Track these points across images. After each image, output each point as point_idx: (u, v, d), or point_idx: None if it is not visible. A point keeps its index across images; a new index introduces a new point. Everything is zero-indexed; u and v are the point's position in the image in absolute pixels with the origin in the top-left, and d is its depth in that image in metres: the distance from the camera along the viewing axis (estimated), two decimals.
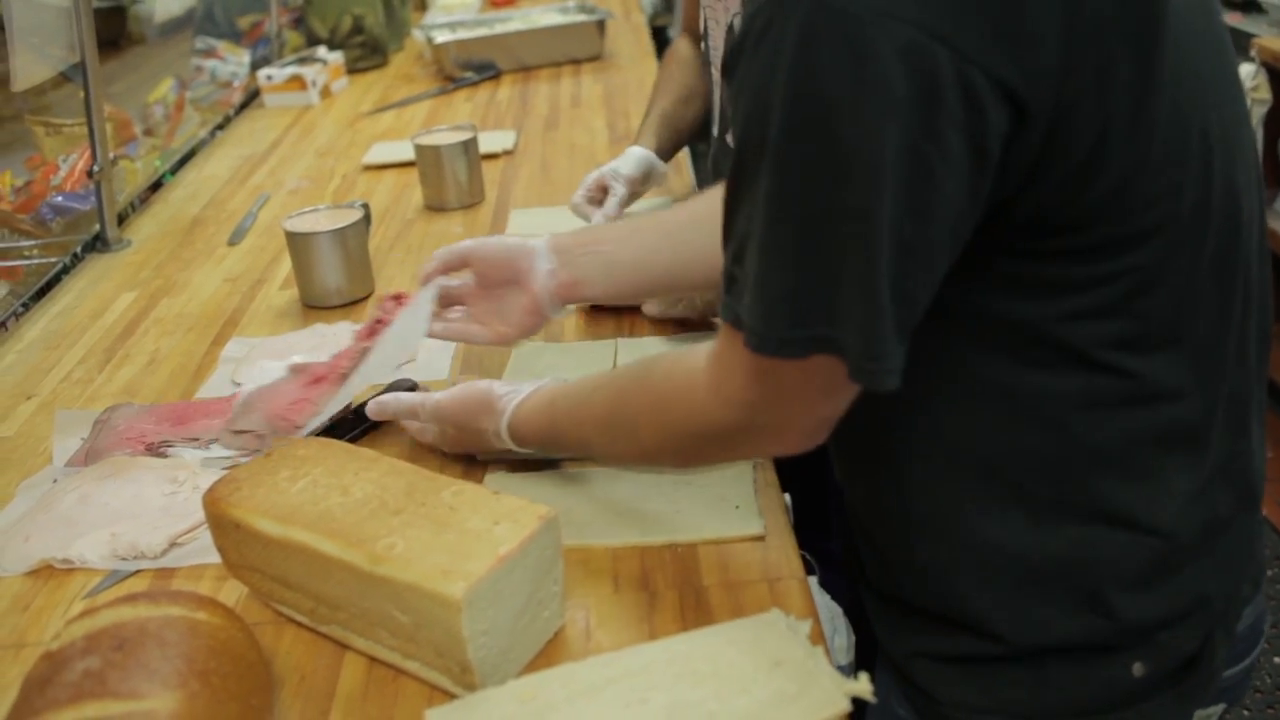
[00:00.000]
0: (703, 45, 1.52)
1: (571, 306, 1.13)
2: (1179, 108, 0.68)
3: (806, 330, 0.67)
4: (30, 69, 1.63)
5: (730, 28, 1.42)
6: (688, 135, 1.59)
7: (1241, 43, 2.60)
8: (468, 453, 1.04)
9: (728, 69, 0.70)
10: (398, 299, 1.14)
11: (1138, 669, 0.78)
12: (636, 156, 1.47)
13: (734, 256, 0.70)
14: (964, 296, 0.71)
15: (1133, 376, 0.73)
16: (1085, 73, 0.63)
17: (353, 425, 1.09)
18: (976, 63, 0.60)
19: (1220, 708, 0.86)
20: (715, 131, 1.52)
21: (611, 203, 1.41)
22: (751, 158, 0.66)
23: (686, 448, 0.82)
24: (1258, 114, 2.61)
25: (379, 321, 1.13)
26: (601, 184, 1.44)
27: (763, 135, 0.64)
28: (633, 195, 1.46)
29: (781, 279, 0.67)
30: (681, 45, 1.64)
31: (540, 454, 1.00)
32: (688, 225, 1.05)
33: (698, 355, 0.79)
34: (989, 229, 0.67)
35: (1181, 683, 0.80)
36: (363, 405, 1.08)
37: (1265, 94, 2.59)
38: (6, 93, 2.14)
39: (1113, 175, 0.67)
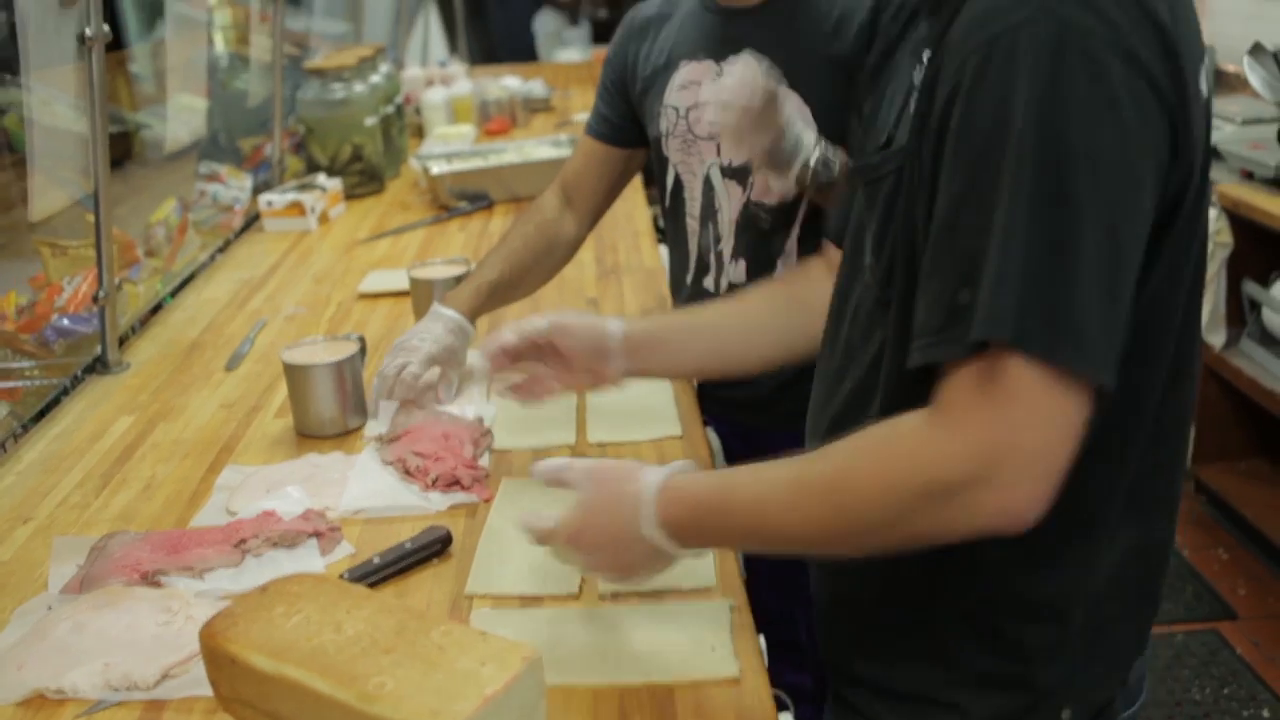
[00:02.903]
0: (667, 199, 1.59)
1: None
2: (1202, 227, 0.82)
3: (1054, 328, 0.71)
4: (48, 197, 1.70)
5: (707, 179, 1.50)
6: (513, 301, 1.62)
7: None
8: (604, 557, 0.93)
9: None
10: None
11: (1065, 714, 0.91)
12: (445, 327, 1.48)
13: (962, 279, 0.73)
14: None
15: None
16: (1193, 144, 0.76)
17: (378, 569, 1.13)
18: (1162, 97, 0.73)
19: None
20: (689, 279, 1.58)
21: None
22: (987, 175, 0.72)
23: (901, 508, 0.77)
24: (1220, 257, 2.72)
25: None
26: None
27: (1002, 141, 0.72)
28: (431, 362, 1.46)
29: (1018, 276, 0.71)
30: (549, 202, 1.65)
31: (682, 544, 0.89)
32: (744, 320, 1.18)
33: (917, 413, 0.77)
34: None
35: None
36: (387, 554, 1.14)
37: (1227, 238, 2.70)
38: (12, 212, 2.22)
39: (1166, 245, 0.78)
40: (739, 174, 1.48)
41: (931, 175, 0.78)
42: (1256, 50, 2.71)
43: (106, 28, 1.64)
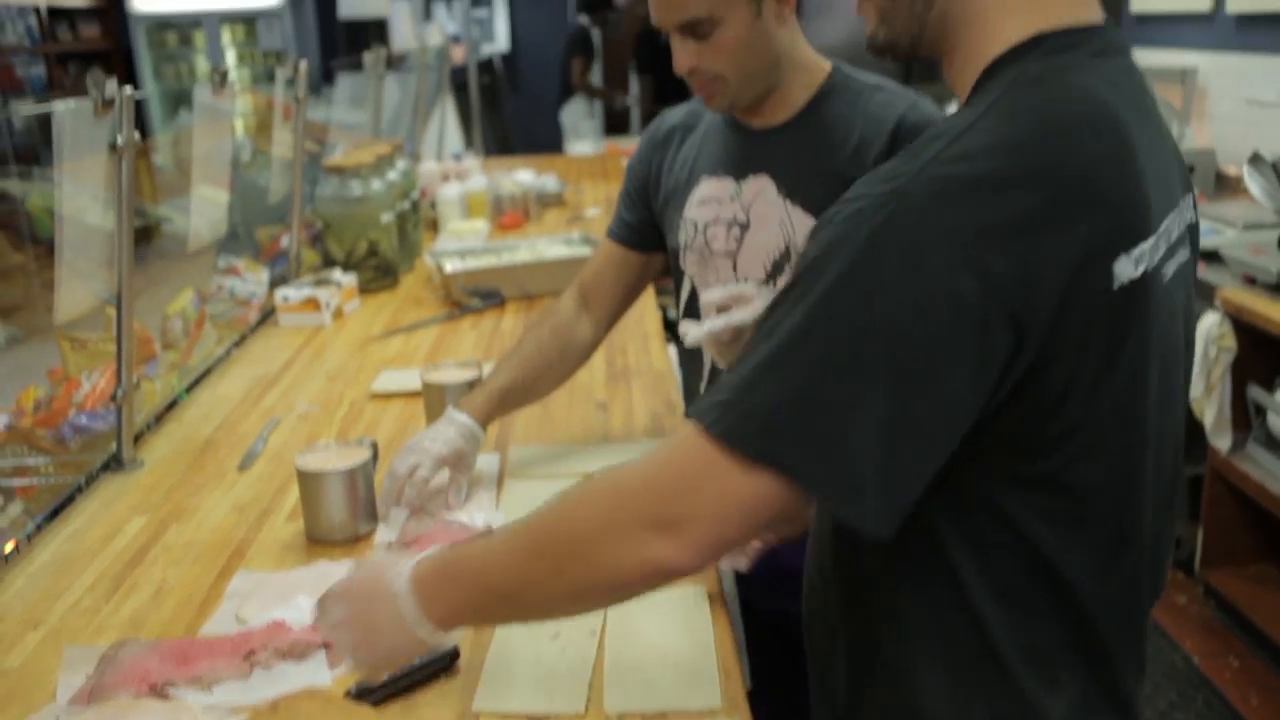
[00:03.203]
0: (682, 308, 1.62)
1: None
2: (1131, 404, 0.84)
3: (774, 446, 0.77)
4: (73, 299, 1.73)
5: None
6: (527, 404, 1.65)
7: (1207, 293, 2.76)
8: (357, 621, 0.99)
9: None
10: None
11: None
12: (458, 431, 1.51)
13: (741, 376, 0.81)
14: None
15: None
16: (1070, 332, 0.78)
17: (385, 685, 1.13)
18: (1001, 295, 0.75)
19: None
20: (702, 388, 1.61)
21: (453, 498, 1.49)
22: (793, 296, 0.79)
23: (589, 535, 0.85)
24: (1224, 361, 2.74)
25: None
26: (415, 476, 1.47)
27: (814, 281, 0.78)
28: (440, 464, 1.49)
29: (775, 397, 0.78)
30: (566, 304, 1.68)
31: (428, 611, 0.94)
32: None
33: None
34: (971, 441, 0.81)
35: None
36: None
37: (1230, 342, 2.73)
38: (32, 297, 2.25)
39: (1064, 425, 0.81)
40: None
41: None
42: (1256, 160, 2.76)
43: (137, 135, 1.69)
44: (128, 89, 1.62)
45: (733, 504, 0.80)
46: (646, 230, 1.64)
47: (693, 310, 1.61)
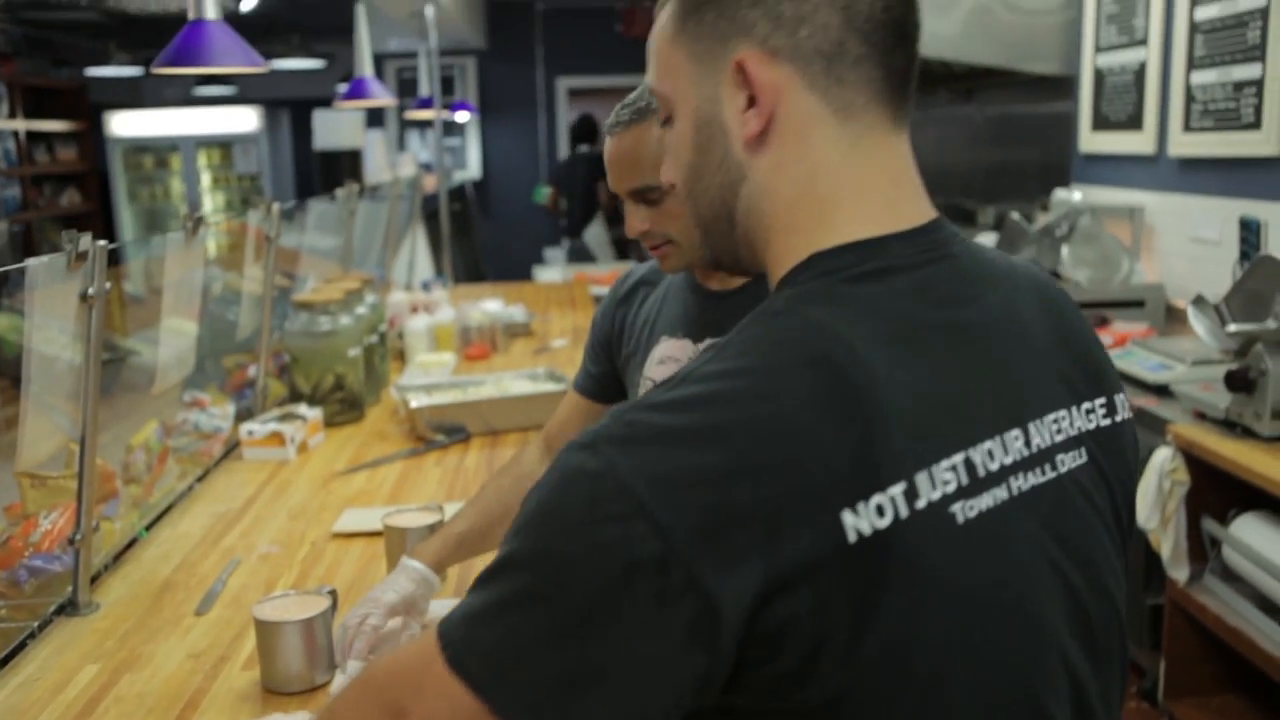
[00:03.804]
0: None
1: None
2: (908, 659, 0.75)
3: (465, 656, 0.74)
4: (37, 440, 1.73)
5: None
6: (484, 552, 1.65)
7: (1159, 428, 2.83)
8: None
9: None
10: None
11: None
12: (410, 578, 1.52)
13: (476, 581, 0.79)
14: None
15: None
16: (794, 596, 0.71)
17: None
18: (678, 554, 0.70)
19: None
20: None
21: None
22: (519, 511, 0.78)
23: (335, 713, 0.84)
24: (1178, 495, 2.79)
25: None
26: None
27: (525, 506, 0.77)
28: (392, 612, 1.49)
29: (476, 610, 0.75)
30: (530, 455, 1.70)
31: None
32: None
33: None
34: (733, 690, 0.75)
35: None
36: None
37: (1183, 476, 2.78)
38: None
39: (826, 690, 0.74)
40: None
41: None
42: (1199, 301, 2.86)
43: (109, 285, 1.73)
44: (101, 243, 1.66)
45: (445, 706, 0.75)
46: (610, 382, 1.68)
47: None
